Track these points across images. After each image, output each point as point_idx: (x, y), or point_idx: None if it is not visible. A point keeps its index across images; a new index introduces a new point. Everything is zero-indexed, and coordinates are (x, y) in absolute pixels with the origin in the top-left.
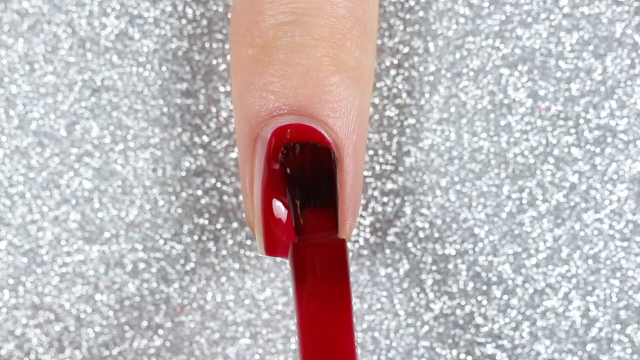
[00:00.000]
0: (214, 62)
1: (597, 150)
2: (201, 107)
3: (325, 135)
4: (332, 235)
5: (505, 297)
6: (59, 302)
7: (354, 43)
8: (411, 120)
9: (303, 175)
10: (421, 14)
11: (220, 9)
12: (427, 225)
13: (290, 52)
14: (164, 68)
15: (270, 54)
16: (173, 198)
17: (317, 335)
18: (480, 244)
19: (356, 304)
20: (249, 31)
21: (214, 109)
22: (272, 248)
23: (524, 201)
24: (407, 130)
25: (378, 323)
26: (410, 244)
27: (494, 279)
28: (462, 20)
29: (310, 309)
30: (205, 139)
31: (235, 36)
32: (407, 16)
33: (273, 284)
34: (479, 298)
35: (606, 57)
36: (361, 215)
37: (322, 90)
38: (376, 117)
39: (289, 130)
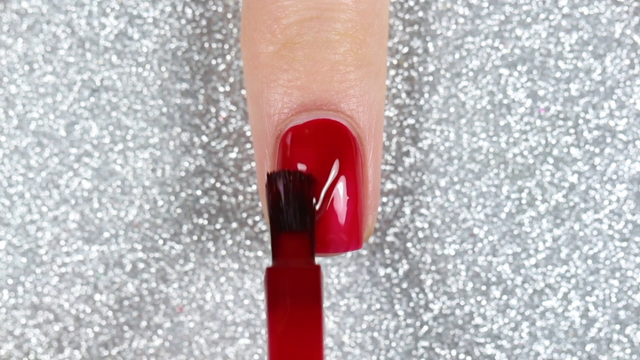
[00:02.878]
0: (214, 62)
1: (597, 150)
2: (200, 107)
3: (351, 129)
4: (307, 260)
5: (505, 297)
6: (58, 302)
7: (373, 38)
8: (410, 121)
9: (278, 202)
10: (420, 14)
11: (220, 9)
12: (426, 226)
13: (315, 47)
14: (163, 68)
15: (294, 50)
16: (172, 198)
17: (286, 358)
18: (479, 244)
19: (355, 304)
20: (269, 28)
21: (213, 109)
22: None
23: (523, 201)
24: (407, 131)
25: (377, 323)
26: (409, 244)
27: (493, 279)
28: (461, 20)
29: (281, 333)
30: (205, 139)
31: (251, 33)
32: (407, 16)
33: None
34: (478, 298)
35: (605, 57)
36: None
37: (347, 85)
38: None
39: (306, 131)
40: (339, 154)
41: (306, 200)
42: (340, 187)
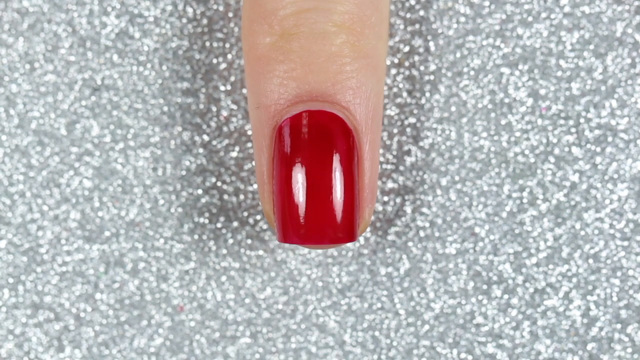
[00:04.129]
0: (215, 61)
1: (598, 149)
2: (201, 106)
3: (347, 121)
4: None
5: (506, 296)
6: (58, 301)
7: (372, 31)
8: (412, 120)
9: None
10: (422, 13)
11: (221, 8)
12: (427, 225)
13: (311, 39)
14: (164, 67)
15: (290, 41)
16: (173, 197)
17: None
18: (480, 243)
19: (356, 303)
20: (266, 19)
21: (214, 108)
22: (289, 234)
23: (525, 200)
24: (408, 130)
25: (378, 322)
26: (410, 243)
27: (495, 278)
28: (462, 19)
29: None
30: (206, 138)
31: (250, 25)
32: (408, 15)
33: (273, 283)
34: (480, 297)
35: (607, 56)
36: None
37: (344, 77)
38: None
39: (305, 115)
40: (335, 145)
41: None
42: (337, 179)
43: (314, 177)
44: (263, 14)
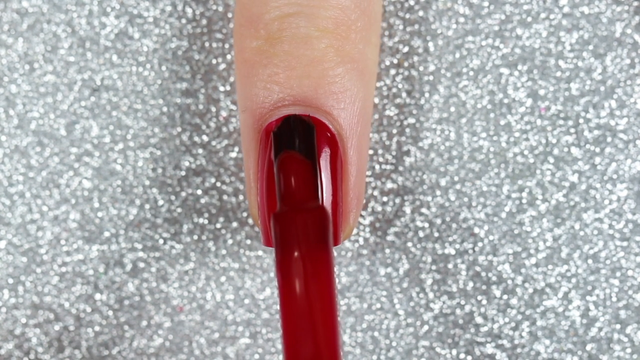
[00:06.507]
0: (214, 61)
1: (597, 149)
2: (201, 106)
3: (330, 126)
4: (313, 203)
5: (505, 296)
6: (58, 302)
7: (358, 35)
8: (411, 120)
9: (283, 130)
10: (421, 13)
11: (220, 9)
12: (426, 225)
13: (294, 43)
14: (163, 67)
15: (274, 45)
16: (173, 197)
17: (298, 304)
18: (480, 244)
19: (355, 304)
20: (253, 23)
21: (213, 109)
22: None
23: (524, 201)
24: (407, 130)
25: (378, 323)
26: (410, 244)
27: (494, 278)
28: (461, 19)
29: (290, 277)
30: (205, 138)
31: (239, 29)
32: (407, 16)
33: (273, 283)
34: (479, 298)
35: (606, 56)
36: (361, 215)
37: (326, 81)
38: (376, 116)
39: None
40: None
41: (311, 130)
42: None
43: None
44: (250, 18)
